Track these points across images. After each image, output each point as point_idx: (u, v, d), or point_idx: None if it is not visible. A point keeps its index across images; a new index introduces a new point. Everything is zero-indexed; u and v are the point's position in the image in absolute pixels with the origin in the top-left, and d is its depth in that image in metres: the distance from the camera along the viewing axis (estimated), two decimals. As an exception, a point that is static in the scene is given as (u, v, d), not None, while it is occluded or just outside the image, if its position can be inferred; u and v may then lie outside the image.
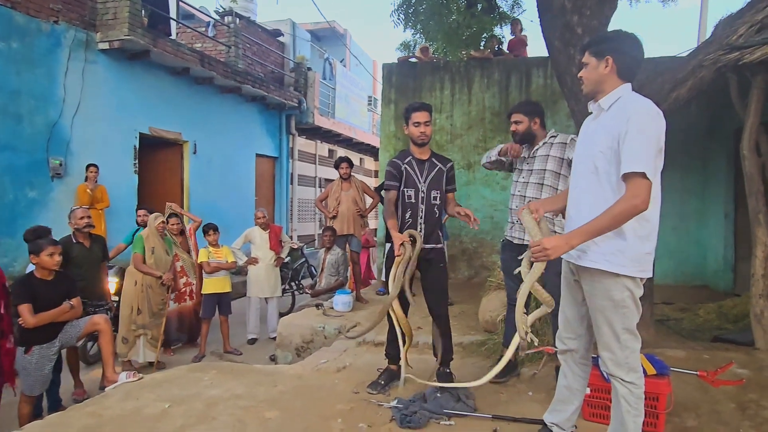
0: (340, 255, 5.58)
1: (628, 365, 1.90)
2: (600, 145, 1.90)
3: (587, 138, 2.04)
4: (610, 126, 1.88)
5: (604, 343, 1.94)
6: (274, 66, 11.23)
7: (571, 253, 1.96)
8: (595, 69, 1.96)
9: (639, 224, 1.84)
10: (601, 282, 1.90)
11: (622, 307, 1.88)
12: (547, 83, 6.52)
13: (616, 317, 1.89)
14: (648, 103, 1.87)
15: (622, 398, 1.91)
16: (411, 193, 2.99)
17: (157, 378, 3.29)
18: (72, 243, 3.96)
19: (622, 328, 1.89)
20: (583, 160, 2.02)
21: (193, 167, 8.70)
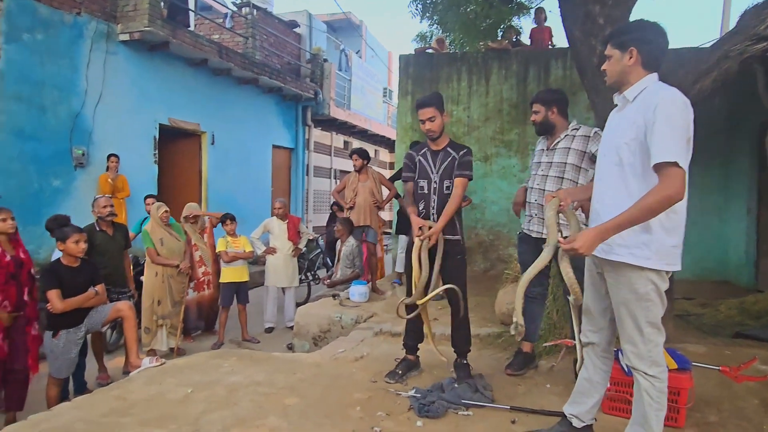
0: (355, 246, 5.60)
1: (650, 358, 1.88)
2: (625, 137, 1.88)
3: (612, 130, 2.01)
4: (635, 117, 1.85)
5: (627, 336, 1.92)
6: (291, 57, 11.24)
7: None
8: (619, 61, 1.93)
9: (666, 216, 1.81)
10: (625, 275, 1.88)
11: (645, 300, 1.85)
12: (567, 75, 6.43)
13: (639, 310, 1.87)
14: (675, 91, 1.83)
15: (644, 392, 1.89)
16: (424, 184, 2.98)
17: (178, 364, 3.36)
18: (95, 231, 4.06)
19: (645, 321, 1.87)
20: (608, 152, 1.99)
21: (211, 158, 8.79)
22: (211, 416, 2.50)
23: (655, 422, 1.88)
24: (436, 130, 2.94)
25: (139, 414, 2.54)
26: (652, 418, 1.88)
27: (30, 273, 3.37)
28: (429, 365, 3.22)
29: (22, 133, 5.87)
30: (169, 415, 2.51)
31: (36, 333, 3.39)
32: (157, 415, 2.52)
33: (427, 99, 2.97)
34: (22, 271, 3.30)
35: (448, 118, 3.02)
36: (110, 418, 2.49)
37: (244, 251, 5.35)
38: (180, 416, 2.50)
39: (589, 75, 4.01)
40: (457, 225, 2.98)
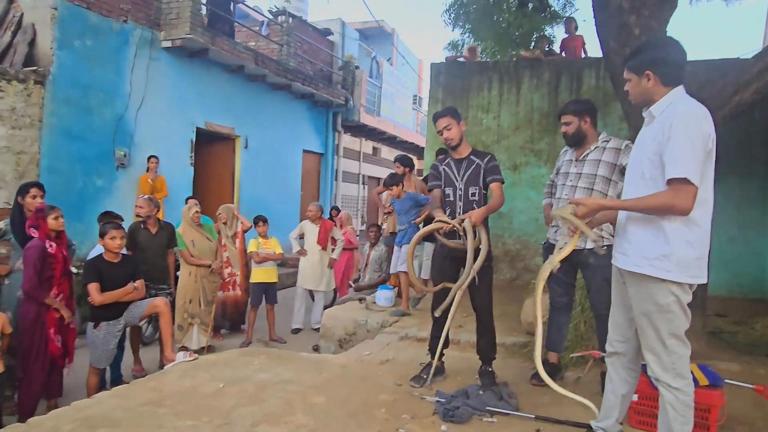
0: (384, 251, 5.67)
1: (674, 370, 1.87)
2: (647, 151, 1.91)
3: (639, 145, 2.05)
4: (657, 132, 1.89)
5: (649, 347, 1.92)
6: (323, 64, 11.46)
7: (616, 255, 2.03)
8: (638, 85, 1.98)
9: (687, 228, 1.82)
10: (645, 286, 1.89)
11: (666, 312, 1.85)
12: (599, 85, 6.35)
13: (661, 322, 1.87)
14: (694, 105, 1.86)
15: (668, 405, 1.87)
16: (449, 192, 3.04)
17: (210, 359, 3.48)
18: (139, 228, 4.29)
19: (667, 333, 1.86)
20: (634, 165, 2.04)
21: (244, 161, 9.03)
22: (241, 411, 2.59)
23: None
24: (454, 137, 3.00)
25: (173, 405, 2.65)
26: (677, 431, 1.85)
27: (68, 270, 3.54)
28: (454, 371, 3.25)
29: (69, 134, 6.19)
30: (202, 408, 2.61)
31: (73, 326, 3.55)
32: (191, 407, 2.63)
33: (442, 110, 3.07)
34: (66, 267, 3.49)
35: (465, 126, 3.05)
36: (147, 407, 2.61)
37: (275, 252, 5.48)
38: (212, 409, 2.60)
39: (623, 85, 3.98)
40: (484, 231, 3.00)
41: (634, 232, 1.93)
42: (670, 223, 1.83)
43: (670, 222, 1.83)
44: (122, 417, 2.49)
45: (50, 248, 3.30)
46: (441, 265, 3.11)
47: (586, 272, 3.00)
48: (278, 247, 5.58)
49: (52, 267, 3.30)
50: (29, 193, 3.63)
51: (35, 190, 3.64)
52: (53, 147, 6.01)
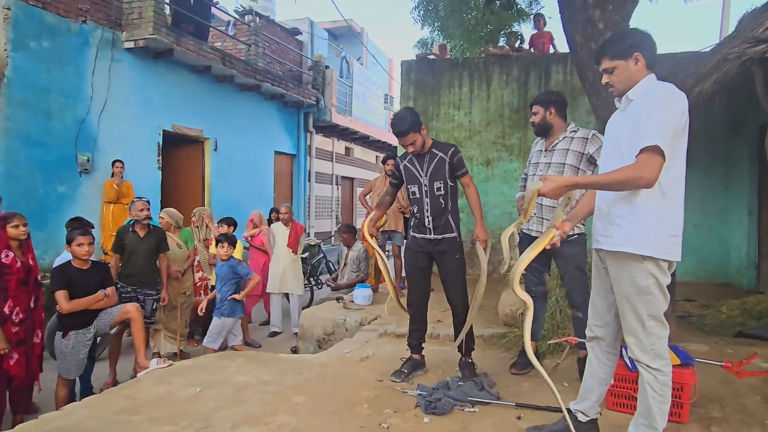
0: (362, 251, 5.65)
1: (653, 351, 1.90)
2: (624, 130, 1.94)
3: (613, 130, 2.07)
4: (635, 112, 1.92)
5: (629, 329, 1.95)
6: (293, 64, 11.35)
7: (598, 239, 2.04)
8: (626, 69, 1.97)
9: (662, 206, 1.87)
10: (626, 268, 1.92)
11: (646, 293, 1.89)
12: (567, 79, 6.50)
13: (640, 304, 1.90)
14: (669, 85, 1.91)
15: (647, 384, 1.92)
16: (415, 189, 3.04)
17: (186, 365, 3.40)
18: (127, 232, 4.21)
19: (647, 314, 1.90)
20: (610, 151, 2.05)
21: (214, 164, 8.85)
22: (220, 413, 2.53)
23: (658, 415, 1.90)
24: (418, 148, 2.99)
25: (149, 412, 2.57)
26: (656, 411, 1.90)
27: (37, 280, 3.41)
28: (434, 364, 3.26)
29: (28, 139, 5.93)
30: (179, 413, 2.54)
31: (38, 341, 3.40)
32: (168, 413, 2.55)
33: (404, 128, 2.92)
34: (30, 278, 3.34)
35: (426, 130, 3.05)
36: (121, 416, 2.52)
37: None
38: (190, 414, 2.53)
39: (590, 78, 4.07)
40: (453, 223, 3.01)
41: (617, 214, 1.95)
42: (646, 200, 1.86)
43: (646, 200, 1.86)
44: (95, 427, 2.40)
45: (5, 258, 3.15)
46: (414, 258, 3.12)
47: (560, 261, 3.06)
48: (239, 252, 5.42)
49: (6, 278, 3.15)
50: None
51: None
52: (11, 153, 5.75)
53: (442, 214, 2.99)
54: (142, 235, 4.23)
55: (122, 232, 4.30)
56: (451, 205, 3.01)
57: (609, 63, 2.01)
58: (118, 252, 4.28)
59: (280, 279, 5.67)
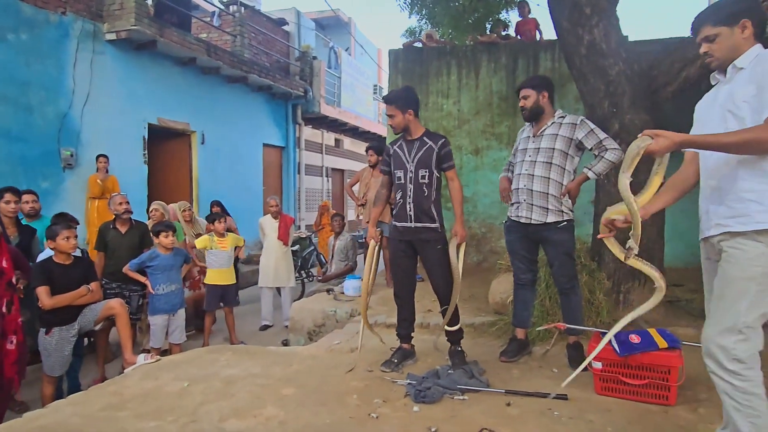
0: (349, 240, 5.63)
1: (733, 352, 1.66)
2: (744, 95, 1.72)
3: (719, 104, 1.83)
4: (752, 77, 1.72)
5: (720, 320, 1.70)
6: (280, 55, 11.22)
7: (721, 223, 1.77)
8: (730, 37, 1.78)
9: None
10: (745, 250, 1.68)
11: (757, 282, 1.66)
12: (555, 66, 6.47)
13: (745, 293, 1.66)
14: None
15: (725, 395, 1.68)
16: (400, 174, 3.02)
17: (174, 359, 3.36)
18: (108, 228, 4.16)
19: (745, 307, 1.65)
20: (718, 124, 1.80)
21: (202, 157, 8.75)
22: (208, 407, 2.50)
23: (749, 431, 1.65)
24: (397, 126, 2.99)
25: (135, 408, 2.53)
26: (744, 426, 1.64)
27: (10, 283, 3.29)
28: (424, 354, 3.25)
29: (8, 135, 5.81)
30: (166, 408, 2.51)
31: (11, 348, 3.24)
32: (154, 408, 2.52)
33: (391, 96, 3.00)
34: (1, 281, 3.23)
35: (413, 115, 3.01)
36: (107, 412, 2.49)
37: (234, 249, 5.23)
38: (177, 408, 2.50)
39: (577, 64, 4.05)
40: (435, 213, 2.97)
41: (750, 188, 1.71)
42: None
43: None
44: (80, 424, 2.36)
45: None
46: (397, 248, 3.10)
47: (549, 248, 3.05)
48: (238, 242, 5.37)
49: None
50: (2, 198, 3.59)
51: (9, 195, 3.57)
52: (-9, 149, 5.64)
53: (424, 203, 2.96)
54: (124, 231, 4.18)
55: (104, 229, 4.25)
56: (434, 196, 2.99)
57: (711, 30, 1.80)
58: (102, 250, 4.23)
59: (272, 272, 5.64)
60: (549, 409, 2.41)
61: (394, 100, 2.96)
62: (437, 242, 2.98)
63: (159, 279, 4.05)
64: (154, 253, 4.07)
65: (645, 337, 2.50)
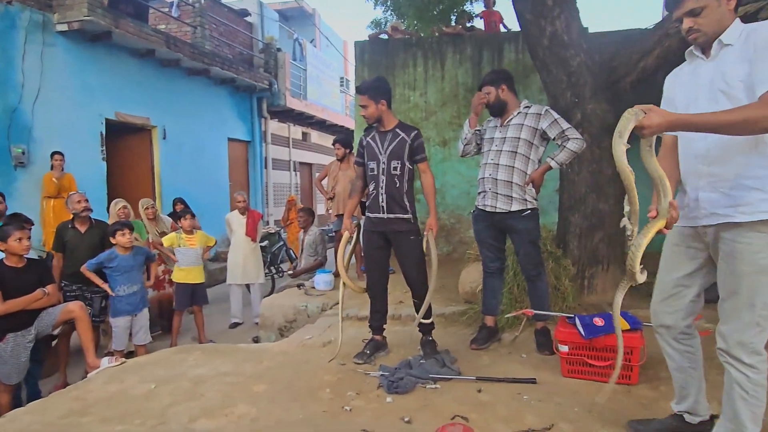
0: (318, 235, 5.58)
1: (752, 346, 1.62)
2: (738, 74, 1.63)
3: (706, 81, 1.73)
4: (743, 53, 1.63)
5: (731, 316, 1.66)
6: (243, 47, 10.97)
7: (717, 212, 1.68)
8: (717, 9, 1.68)
9: None
10: (750, 242, 1.61)
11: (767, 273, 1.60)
12: (519, 58, 6.56)
13: (758, 286, 1.60)
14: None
15: (736, 384, 1.64)
16: (373, 166, 3.01)
17: (140, 361, 3.26)
18: (66, 228, 3.99)
19: (761, 301, 1.60)
20: (707, 105, 1.69)
21: (164, 153, 8.49)
22: (177, 408, 2.45)
23: (749, 419, 1.63)
24: (369, 116, 2.98)
25: (100, 412, 2.45)
26: (746, 415, 1.63)
27: None
28: (396, 345, 3.26)
29: (-48, 132, 5.48)
30: (132, 411, 2.44)
31: None
32: (120, 412, 2.44)
33: (363, 86, 2.99)
34: None
35: (385, 106, 3.00)
36: (69, 419, 2.40)
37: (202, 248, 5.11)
38: (144, 411, 2.43)
39: (540, 55, 4.12)
40: (407, 204, 2.98)
41: (751, 175, 1.62)
42: None
43: None
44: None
45: None
46: (370, 239, 3.10)
47: (514, 236, 3.10)
48: (208, 241, 5.25)
49: None
50: None
51: None
52: (-67, 147, 5.31)
53: (396, 194, 2.96)
54: (84, 230, 4.02)
55: (62, 229, 4.09)
56: (406, 187, 2.99)
57: (696, 2, 1.68)
58: (60, 250, 4.06)
59: (241, 269, 5.54)
60: (518, 393, 2.47)
61: (366, 91, 2.95)
62: (410, 233, 3.00)
63: (119, 280, 3.90)
64: (113, 253, 3.92)
65: (608, 320, 2.58)
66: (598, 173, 3.93)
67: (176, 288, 4.92)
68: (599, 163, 3.92)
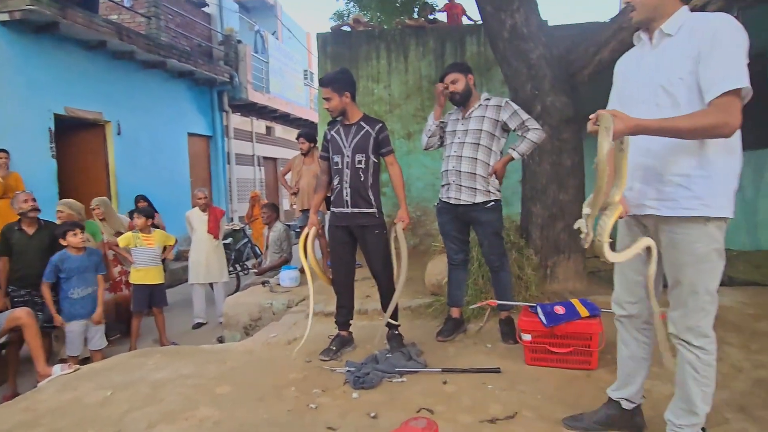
0: (282, 231, 5.50)
1: (699, 329, 1.68)
2: (678, 72, 1.61)
3: (648, 71, 1.71)
4: (685, 49, 1.60)
5: (678, 302, 1.71)
6: (201, 39, 10.63)
7: (645, 203, 1.72)
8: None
9: (728, 156, 1.61)
10: (686, 234, 1.65)
11: (705, 261, 1.65)
12: (481, 51, 6.62)
13: (697, 274, 1.65)
14: (728, 15, 1.61)
15: (687, 365, 1.70)
16: (338, 159, 2.98)
17: (95, 367, 3.13)
18: (12, 230, 3.78)
19: (704, 287, 1.66)
20: (651, 96, 1.69)
21: (119, 149, 8.14)
22: (134, 415, 2.35)
23: (699, 398, 1.69)
24: (333, 109, 2.94)
25: (51, 423, 2.33)
26: (697, 395, 1.69)
27: None
28: (363, 340, 3.24)
29: None
30: (86, 420, 2.33)
31: None
32: (73, 421, 2.33)
33: (327, 78, 2.94)
34: None
35: (349, 98, 2.96)
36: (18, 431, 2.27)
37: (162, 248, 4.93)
38: (99, 419, 2.33)
39: (500, 48, 4.15)
40: (372, 198, 2.96)
41: (680, 172, 1.64)
42: (715, 152, 1.60)
43: (715, 151, 1.60)
44: (-17, 448, 2.14)
45: None
46: (335, 234, 3.07)
47: (479, 228, 3.13)
48: (168, 240, 5.08)
49: None
50: None
51: None
52: None
53: (361, 188, 2.94)
54: (31, 232, 3.81)
55: (7, 231, 3.86)
56: (371, 181, 2.96)
57: None
58: (5, 254, 3.84)
59: (203, 268, 5.39)
60: (483, 383, 2.50)
61: (329, 83, 2.90)
62: (375, 227, 2.97)
63: (73, 283, 3.73)
64: (65, 254, 3.74)
65: (568, 308, 2.64)
66: (558, 165, 4.01)
67: (134, 289, 4.74)
68: (559, 155, 4.00)
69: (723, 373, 2.45)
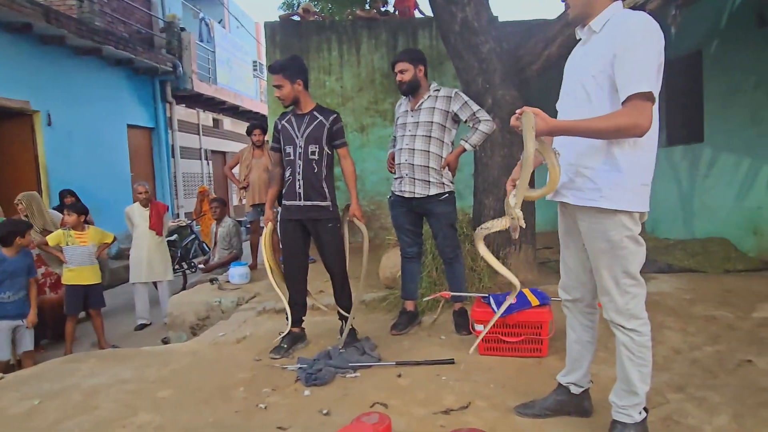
0: (232, 227, 5.30)
1: (629, 312, 1.72)
2: (592, 69, 1.67)
3: (576, 66, 1.80)
4: (602, 48, 1.65)
5: (603, 288, 1.77)
6: (141, 25, 10.05)
7: (562, 191, 1.77)
8: None
9: (635, 153, 1.65)
10: (598, 222, 1.71)
11: (620, 248, 1.69)
12: (433, 44, 6.64)
13: (614, 260, 1.71)
14: (644, 15, 1.64)
15: (623, 347, 1.75)
16: (290, 150, 2.87)
17: (21, 375, 2.87)
18: None
19: (621, 271, 1.71)
20: (573, 90, 1.78)
21: (50, 141, 7.56)
22: (65, 425, 2.16)
23: (638, 378, 1.74)
24: (285, 98, 2.84)
25: (-34, 440, 2.10)
26: (635, 375, 1.73)
27: None
28: (316, 336, 3.16)
29: None
30: (8, 434, 2.12)
31: None
32: (-7, 436, 2.12)
33: (277, 65, 2.84)
34: None
35: (302, 86, 2.86)
36: (-76, 451, 2.03)
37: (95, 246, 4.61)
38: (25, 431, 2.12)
39: (452, 41, 4.16)
40: (326, 190, 2.88)
41: (587, 165, 1.71)
42: (621, 149, 1.65)
43: (620, 148, 1.65)
44: None
45: None
46: (287, 228, 2.97)
47: (432, 220, 3.11)
48: (103, 237, 4.75)
49: None
50: None
51: None
52: None
53: (314, 180, 2.85)
54: None
55: None
56: (325, 173, 2.88)
57: None
58: None
59: (145, 266, 5.10)
60: (437, 375, 2.48)
61: (281, 69, 2.79)
62: (328, 221, 2.89)
63: (5, 286, 3.47)
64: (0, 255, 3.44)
65: (520, 297, 2.67)
66: (509, 157, 4.06)
67: (66, 290, 4.41)
68: (510, 148, 4.06)
69: (663, 356, 2.56)
